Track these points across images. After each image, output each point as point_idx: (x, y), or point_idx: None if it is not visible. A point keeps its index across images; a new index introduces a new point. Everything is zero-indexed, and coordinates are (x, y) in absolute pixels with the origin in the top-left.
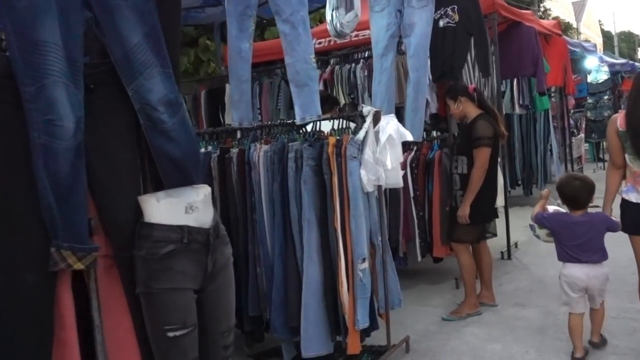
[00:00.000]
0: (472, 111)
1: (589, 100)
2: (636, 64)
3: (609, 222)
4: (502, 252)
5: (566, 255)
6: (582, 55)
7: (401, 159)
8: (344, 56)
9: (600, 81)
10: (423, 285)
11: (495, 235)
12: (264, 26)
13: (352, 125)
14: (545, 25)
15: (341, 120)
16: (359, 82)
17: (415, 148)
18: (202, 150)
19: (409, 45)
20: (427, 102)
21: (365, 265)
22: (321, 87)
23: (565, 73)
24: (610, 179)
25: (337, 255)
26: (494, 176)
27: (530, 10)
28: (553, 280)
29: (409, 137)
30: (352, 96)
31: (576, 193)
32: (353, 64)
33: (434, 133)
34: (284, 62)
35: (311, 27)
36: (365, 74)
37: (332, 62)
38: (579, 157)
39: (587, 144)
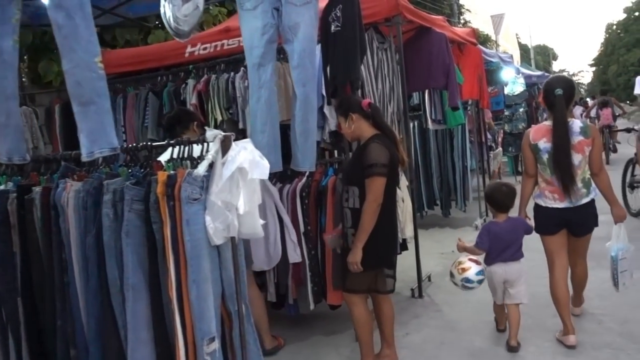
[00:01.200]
0: (366, 131)
1: (506, 113)
2: (557, 69)
3: (527, 226)
4: (412, 290)
5: (491, 259)
6: (498, 66)
7: (259, 200)
8: (225, 64)
9: (516, 93)
10: (318, 336)
11: (392, 291)
12: (148, 30)
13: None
14: (458, 33)
15: (183, 146)
16: (238, 94)
17: (307, 173)
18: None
19: (292, 53)
20: (326, 117)
21: (215, 346)
22: (194, 100)
23: (480, 85)
24: (524, 186)
25: (174, 335)
26: (391, 211)
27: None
28: (468, 326)
29: (266, 172)
30: (230, 111)
31: (503, 198)
32: (232, 73)
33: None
34: (159, 70)
35: (202, 30)
36: (246, 84)
37: (207, 71)
38: (494, 172)
39: (505, 158)
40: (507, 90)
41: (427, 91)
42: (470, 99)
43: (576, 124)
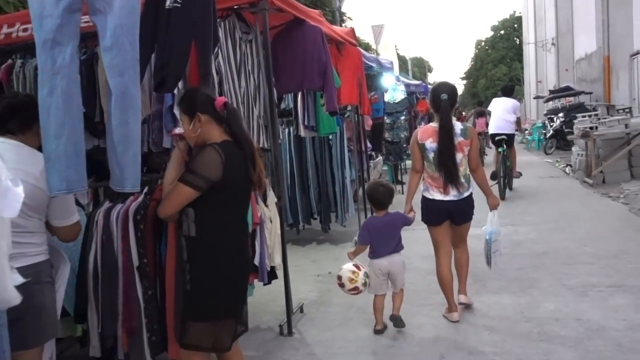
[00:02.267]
0: (215, 137)
1: (387, 121)
2: (429, 85)
3: (404, 219)
4: (280, 326)
5: (375, 253)
6: (378, 71)
7: (8, 249)
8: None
9: (397, 100)
10: None
11: (245, 329)
12: None
13: None
14: (337, 32)
15: None
16: None
17: (145, 190)
18: None
19: (103, 29)
20: (177, 120)
21: None
22: None
23: (360, 89)
24: (410, 181)
25: None
26: (235, 244)
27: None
28: None
29: (16, 206)
30: None
31: (381, 196)
32: None
33: None
34: None
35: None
36: None
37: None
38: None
39: (385, 166)
40: (387, 98)
41: (300, 93)
42: (350, 104)
43: (457, 126)
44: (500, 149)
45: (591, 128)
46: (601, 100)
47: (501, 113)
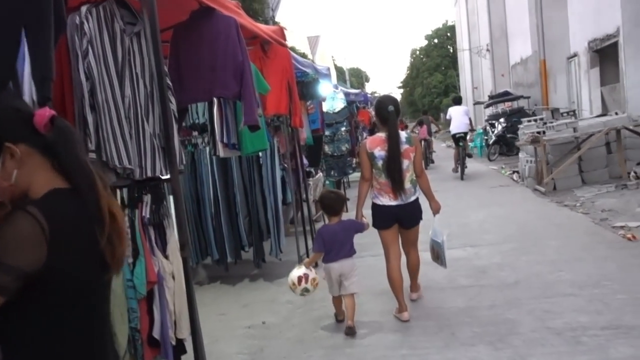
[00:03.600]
0: (40, 182)
1: (326, 133)
2: (368, 94)
3: (357, 226)
4: None
5: (329, 257)
6: (313, 78)
7: None
8: None
9: (336, 110)
10: None
11: None
12: None
13: None
14: (262, 29)
15: None
16: None
17: None
18: None
19: None
20: None
21: None
22: None
23: (291, 97)
24: (360, 189)
25: None
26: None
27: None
28: None
29: None
30: None
31: (333, 203)
32: None
33: None
34: None
35: None
36: None
37: None
38: (316, 201)
39: (327, 182)
40: (325, 108)
41: (216, 103)
42: (278, 114)
43: (402, 135)
44: (460, 143)
45: (539, 133)
46: (539, 104)
47: (459, 117)
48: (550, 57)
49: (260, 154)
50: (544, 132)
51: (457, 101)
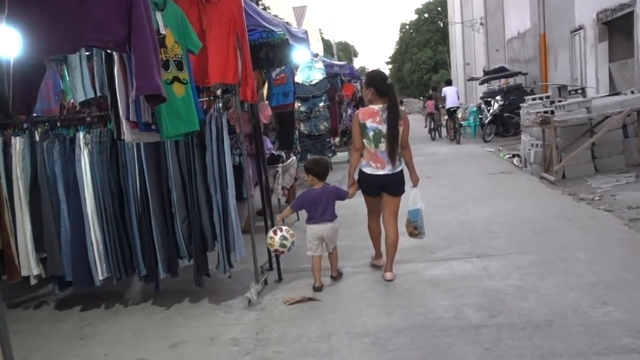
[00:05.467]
0: None
1: (302, 109)
2: (355, 67)
3: (339, 193)
4: None
5: (312, 220)
6: (282, 40)
7: None
8: None
9: (314, 82)
10: None
11: None
12: None
13: None
14: None
15: None
16: None
17: None
18: None
19: None
20: None
21: None
22: None
23: (242, 61)
24: (352, 159)
25: None
26: None
27: None
28: None
29: None
30: None
31: (321, 169)
32: None
33: None
34: None
35: None
36: None
37: None
38: (285, 190)
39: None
40: (300, 79)
41: (117, 61)
42: (223, 83)
43: None
44: (454, 116)
45: (545, 112)
46: (538, 81)
47: (452, 95)
48: (551, 31)
49: (207, 135)
50: (552, 112)
51: (449, 82)
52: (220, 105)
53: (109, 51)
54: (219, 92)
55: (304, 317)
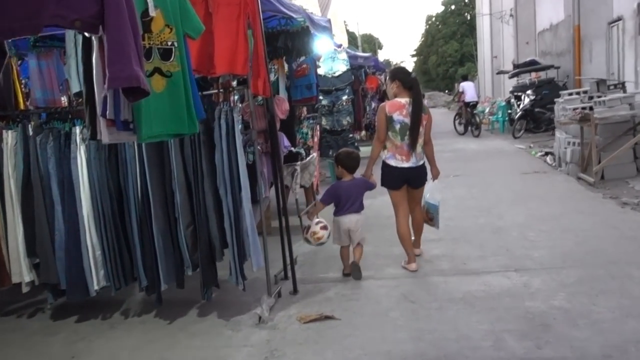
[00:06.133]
0: None
1: (323, 102)
2: (380, 59)
3: (368, 184)
4: None
5: (339, 212)
6: (302, 27)
7: None
8: None
9: (337, 74)
10: None
11: None
12: None
13: None
14: None
15: None
16: None
17: None
18: None
19: None
20: None
21: None
22: None
23: (254, 48)
24: (374, 149)
25: None
26: None
27: None
28: None
29: None
30: None
31: (353, 162)
32: None
33: None
34: None
35: None
36: None
37: None
38: (307, 189)
39: (326, 162)
40: (323, 70)
41: (96, 46)
42: (231, 74)
43: None
44: (474, 110)
45: (584, 109)
46: (571, 75)
47: (471, 90)
48: (586, 22)
49: (216, 131)
50: (590, 108)
51: (465, 78)
52: (236, 98)
53: (79, 32)
54: (234, 83)
55: (319, 340)
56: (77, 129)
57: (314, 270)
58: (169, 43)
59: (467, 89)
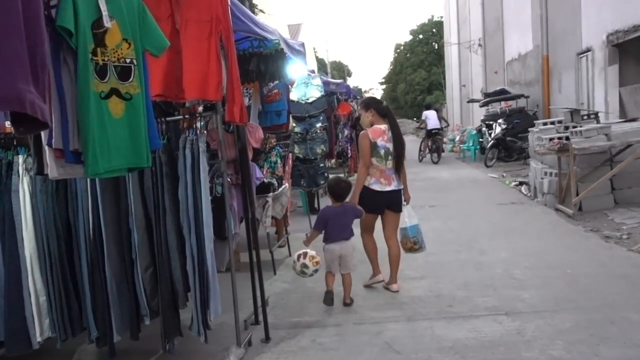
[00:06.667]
0: None
1: (296, 129)
2: (351, 86)
3: (357, 211)
4: None
5: (330, 238)
6: (276, 50)
7: None
8: None
9: (311, 100)
10: None
11: None
12: None
13: None
14: None
15: None
16: None
17: None
18: None
19: None
20: None
21: None
22: None
23: (229, 71)
24: (361, 175)
25: None
26: None
27: None
28: None
29: None
30: None
31: (342, 191)
32: None
33: None
34: None
35: None
36: None
37: None
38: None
39: (297, 191)
40: (296, 96)
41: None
42: (203, 99)
43: None
44: (436, 137)
45: (560, 139)
46: (541, 104)
47: (433, 118)
48: (555, 53)
49: (180, 163)
50: (567, 138)
51: (429, 106)
52: (200, 125)
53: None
54: (200, 108)
55: None
56: (20, 158)
57: (288, 313)
58: (127, 60)
59: (430, 116)
